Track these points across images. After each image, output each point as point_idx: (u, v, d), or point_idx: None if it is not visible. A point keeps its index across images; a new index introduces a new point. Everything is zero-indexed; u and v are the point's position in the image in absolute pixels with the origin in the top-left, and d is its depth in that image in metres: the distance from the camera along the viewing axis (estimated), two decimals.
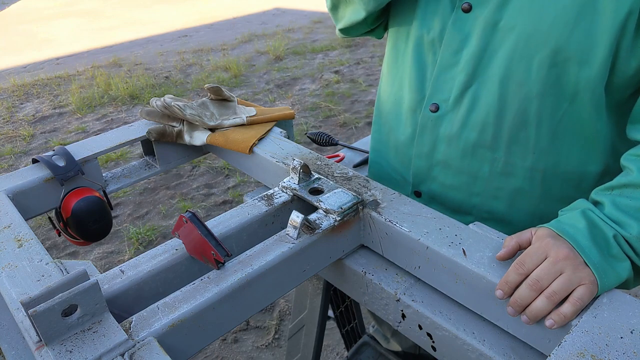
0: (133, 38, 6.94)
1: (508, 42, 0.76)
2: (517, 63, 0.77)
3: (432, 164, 0.92)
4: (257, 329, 2.17)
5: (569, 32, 0.71)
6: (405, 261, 0.80)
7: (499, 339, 0.70)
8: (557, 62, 0.74)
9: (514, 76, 0.78)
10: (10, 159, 3.71)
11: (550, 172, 0.85)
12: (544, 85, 0.76)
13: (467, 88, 0.83)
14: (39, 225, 2.89)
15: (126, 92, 4.76)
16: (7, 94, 4.99)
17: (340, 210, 0.81)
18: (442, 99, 0.87)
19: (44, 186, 1.01)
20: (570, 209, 0.73)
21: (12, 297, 0.69)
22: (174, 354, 0.64)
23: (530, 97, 0.78)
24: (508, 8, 0.75)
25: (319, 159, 0.99)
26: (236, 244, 0.82)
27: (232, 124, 1.15)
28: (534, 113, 0.79)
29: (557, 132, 0.81)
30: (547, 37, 0.73)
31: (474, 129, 0.84)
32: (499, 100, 0.80)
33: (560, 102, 0.78)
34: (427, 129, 0.90)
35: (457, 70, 0.83)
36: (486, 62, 0.80)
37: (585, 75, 0.74)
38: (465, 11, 0.80)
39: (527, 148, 0.83)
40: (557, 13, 0.71)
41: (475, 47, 0.80)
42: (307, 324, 1.24)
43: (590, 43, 0.71)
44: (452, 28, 0.82)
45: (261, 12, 8.19)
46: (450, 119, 0.87)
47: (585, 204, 0.72)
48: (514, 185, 0.87)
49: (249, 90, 4.80)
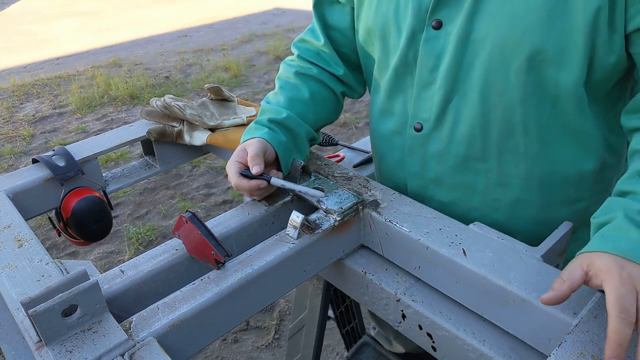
0: (133, 38, 6.94)
1: (483, 53, 0.75)
2: (495, 73, 0.75)
3: (426, 183, 0.92)
4: (257, 329, 2.17)
5: (542, 35, 0.70)
6: (406, 261, 0.80)
7: (499, 339, 0.70)
8: (534, 66, 0.72)
9: (493, 86, 0.76)
10: (10, 159, 3.71)
11: (546, 177, 0.84)
12: (525, 92, 0.75)
13: (447, 104, 0.82)
14: (39, 225, 2.89)
15: (126, 92, 4.75)
16: (7, 94, 4.99)
17: (341, 211, 0.81)
18: (424, 118, 0.86)
19: (44, 186, 1.01)
20: (605, 213, 0.66)
21: (12, 297, 0.69)
22: (174, 354, 0.64)
23: (513, 105, 0.77)
24: (478, 19, 0.74)
25: (319, 159, 0.99)
26: (236, 244, 0.82)
27: (232, 124, 1.15)
28: (519, 120, 0.78)
29: (546, 136, 0.80)
30: (520, 43, 0.71)
31: (461, 143, 0.84)
32: (482, 112, 0.79)
33: (543, 106, 0.76)
34: (414, 148, 0.90)
35: (435, 88, 0.82)
36: (463, 76, 0.79)
37: (564, 76, 0.72)
38: (435, 28, 0.78)
39: (518, 156, 0.82)
40: (528, 18, 0.70)
41: (450, 62, 0.78)
42: (307, 324, 1.24)
43: (564, 44, 0.70)
44: (424, 47, 0.81)
45: (261, 12, 8.19)
46: (435, 137, 0.86)
47: (618, 203, 0.66)
48: (512, 196, 0.86)
49: (249, 90, 4.79)
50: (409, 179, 0.95)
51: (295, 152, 0.93)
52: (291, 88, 0.99)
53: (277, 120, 0.92)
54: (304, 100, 0.97)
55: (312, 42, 1.02)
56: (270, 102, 0.98)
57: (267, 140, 0.88)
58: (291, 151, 0.93)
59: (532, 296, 0.64)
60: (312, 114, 0.98)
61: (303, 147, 0.96)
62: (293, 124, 0.93)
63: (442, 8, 0.76)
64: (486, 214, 0.90)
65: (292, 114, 0.94)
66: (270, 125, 0.92)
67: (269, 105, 0.97)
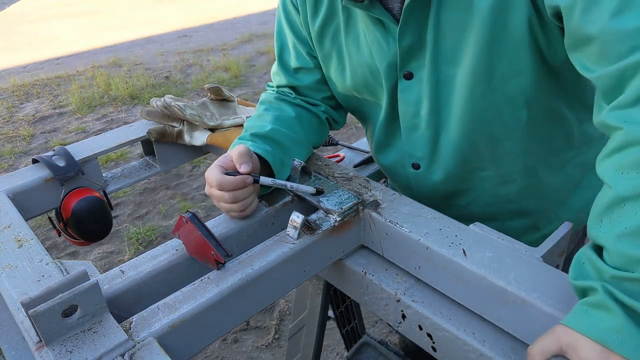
0: (133, 38, 6.94)
1: (454, 90, 0.81)
2: (469, 103, 0.81)
3: (438, 202, 0.96)
4: (257, 329, 2.17)
5: (488, 58, 0.75)
6: (406, 261, 0.80)
7: (499, 339, 0.70)
8: (495, 86, 0.78)
9: (470, 114, 0.82)
10: (10, 159, 3.71)
11: (542, 161, 0.90)
12: (497, 108, 0.81)
13: (437, 141, 0.89)
14: (39, 225, 2.89)
15: (126, 92, 4.75)
16: (7, 94, 4.99)
17: (341, 211, 0.81)
18: (418, 157, 0.93)
19: (44, 186, 1.01)
20: (583, 277, 0.59)
21: (12, 297, 0.69)
22: (174, 354, 0.64)
23: (491, 122, 0.83)
24: (441, 63, 0.80)
25: (319, 159, 0.99)
26: (236, 244, 0.82)
27: (232, 124, 1.15)
28: (501, 131, 0.84)
29: (531, 133, 0.85)
30: (476, 71, 0.77)
31: (457, 166, 0.90)
32: (468, 137, 0.85)
33: (519, 112, 0.81)
34: (420, 181, 0.96)
35: (421, 129, 0.88)
36: (445, 114, 0.85)
37: (525, 81, 0.77)
38: (407, 79, 0.85)
39: (510, 156, 0.88)
40: (473, 49, 0.75)
41: (430, 105, 0.84)
42: (307, 324, 1.24)
43: (512, 56, 0.74)
44: (402, 96, 0.87)
45: (261, 12, 8.19)
46: (435, 170, 0.92)
47: (594, 266, 0.58)
48: (518, 187, 0.92)
49: (249, 90, 4.79)
50: (424, 200, 0.99)
51: (287, 160, 0.90)
52: (276, 109, 0.98)
53: (260, 134, 0.90)
54: (290, 117, 0.96)
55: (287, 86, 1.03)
56: (253, 121, 0.96)
57: (251, 150, 0.84)
58: (281, 158, 0.89)
59: (532, 297, 0.64)
60: (301, 130, 0.96)
61: (295, 155, 0.92)
62: (278, 135, 0.91)
63: (409, 61, 0.83)
64: (502, 205, 0.96)
65: (278, 127, 0.92)
66: (252, 139, 0.89)
67: (253, 123, 0.95)
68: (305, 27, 0.94)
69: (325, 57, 0.94)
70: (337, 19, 0.89)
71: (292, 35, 0.97)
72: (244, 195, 0.80)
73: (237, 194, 0.79)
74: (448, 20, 0.76)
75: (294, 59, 0.98)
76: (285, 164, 0.89)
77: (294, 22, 0.96)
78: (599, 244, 0.59)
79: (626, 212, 0.56)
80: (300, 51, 0.97)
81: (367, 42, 0.86)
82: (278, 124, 0.93)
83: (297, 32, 0.96)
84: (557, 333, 0.57)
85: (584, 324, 0.55)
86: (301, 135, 0.96)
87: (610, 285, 0.55)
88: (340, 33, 0.90)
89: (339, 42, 0.91)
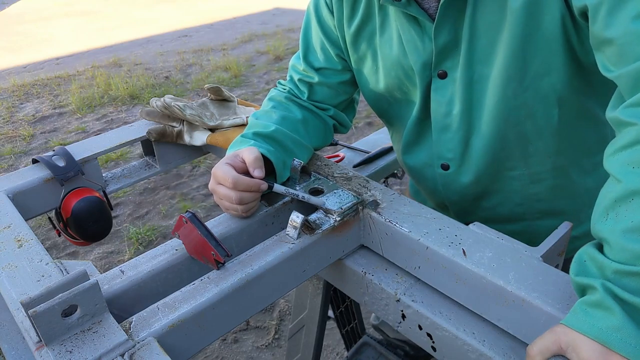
0: (133, 38, 6.94)
1: (487, 89, 0.81)
2: (500, 102, 0.81)
3: (466, 204, 0.97)
4: (257, 329, 2.17)
5: (522, 57, 0.76)
6: (405, 261, 0.80)
7: (499, 339, 0.70)
8: (528, 85, 0.78)
9: (502, 113, 0.82)
10: (10, 159, 3.71)
11: (573, 162, 0.89)
12: (529, 106, 0.81)
13: (468, 142, 0.89)
14: (39, 225, 2.89)
15: (126, 92, 4.75)
16: (7, 94, 4.99)
17: (340, 211, 0.81)
18: (448, 158, 0.92)
19: (44, 186, 1.01)
20: (584, 273, 0.59)
21: (12, 297, 0.69)
22: (174, 354, 0.64)
23: (523, 121, 0.83)
24: (475, 63, 0.81)
25: (319, 159, 0.99)
26: (236, 244, 0.82)
27: (232, 124, 1.15)
28: (532, 130, 0.84)
29: (562, 133, 0.84)
30: (509, 70, 0.77)
31: (488, 166, 0.89)
32: (499, 137, 0.85)
33: (551, 111, 0.81)
34: (448, 184, 0.96)
35: (453, 130, 0.88)
36: (477, 114, 0.85)
37: (557, 79, 0.77)
38: (441, 78, 0.85)
39: (540, 156, 0.87)
40: (507, 48, 0.76)
41: (462, 105, 0.85)
42: (307, 324, 1.24)
43: (545, 54, 0.75)
44: (435, 95, 0.87)
45: (261, 12, 8.20)
46: (464, 171, 0.92)
47: (595, 262, 0.58)
48: (548, 186, 0.92)
49: (249, 90, 4.79)
50: (451, 204, 1.00)
51: (288, 160, 0.90)
52: (284, 108, 0.99)
53: (264, 134, 0.90)
54: (296, 119, 0.97)
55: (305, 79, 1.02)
56: (258, 118, 0.96)
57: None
58: (283, 159, 0.89)
59: (532, 296, 0.64)
60: (305, 133, 0.97)
61: (296, 156, 0.92)
62: (281, 136, 0.91)
63: (444, 60, 0.83)
64: (531, 205, 0.95)
65: (282, 128, 0.92)
66: (255, 137, 0.89)
67: (257, 121, 0.95)
68: (340, 29, 0.95)
69: (360, 59, 0.95)
70: (373, 21, 0.90)
71: (323, 37, 0.97)
72: (251, 198, 0.81)
73: (245, 195, 0.79)
74: (483, 19, 0.76)
75: (321, 59, 0.99)
76: (287, 165, 0.90)
77: (327, 24, 0.97)
78: (602, 238, 0.59)
79: (633, 207, 0.56)
80: (329, 52, 0.98)
81: (401, 42, 0.87)
82: (283, 125, 0.93)
83: (328, 34, 0.97)
84: (556, 333, 0.57)
85: (584, 324, 0.55)
86: (305, 138, 0.96)
87: (610, 282, 0.55)
88: (376, 34, 0.91)
89: (374, 44, 0.92)
